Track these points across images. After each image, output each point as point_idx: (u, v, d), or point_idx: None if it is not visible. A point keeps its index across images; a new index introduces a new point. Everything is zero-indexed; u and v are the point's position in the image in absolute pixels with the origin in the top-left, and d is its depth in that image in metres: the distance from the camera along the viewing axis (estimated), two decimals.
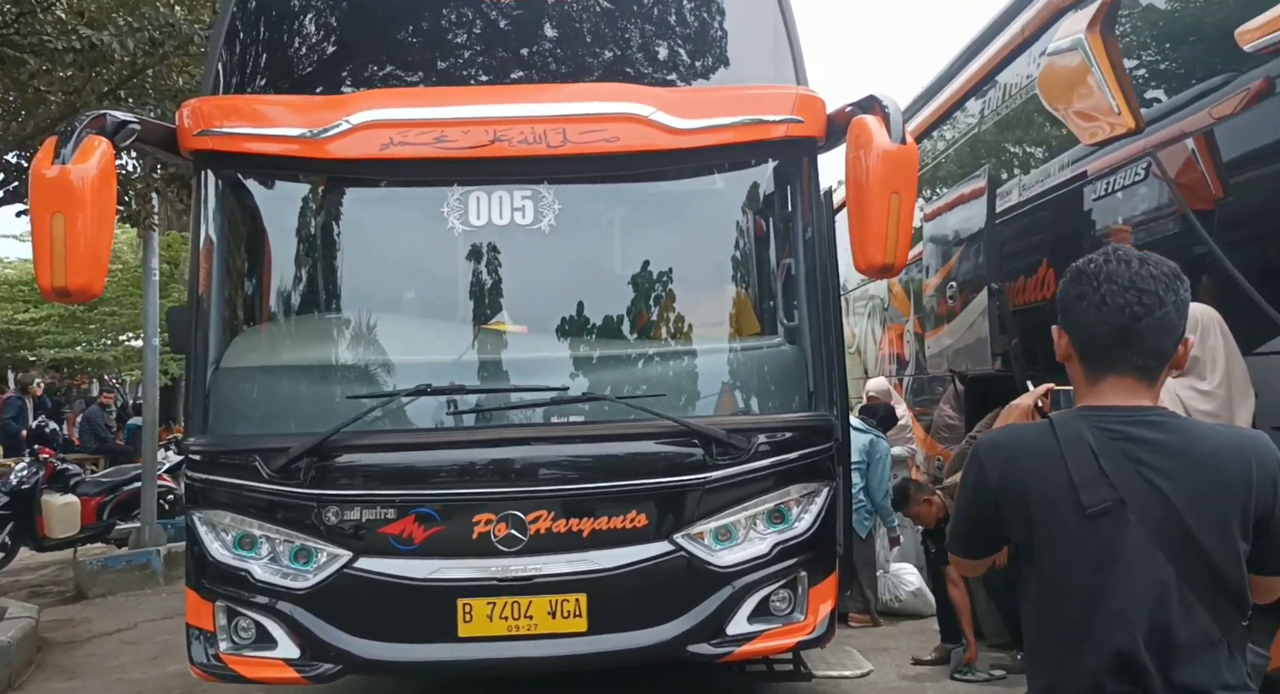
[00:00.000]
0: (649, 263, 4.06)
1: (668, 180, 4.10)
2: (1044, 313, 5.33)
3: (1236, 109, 3.72)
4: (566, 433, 3.81)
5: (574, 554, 3.69)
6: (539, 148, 3.80)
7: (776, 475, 3.79)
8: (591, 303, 4.02)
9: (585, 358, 4.00)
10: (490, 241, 3.97)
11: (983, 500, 1.66)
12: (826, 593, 3.91)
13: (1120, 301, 1.57)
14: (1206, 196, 3.83)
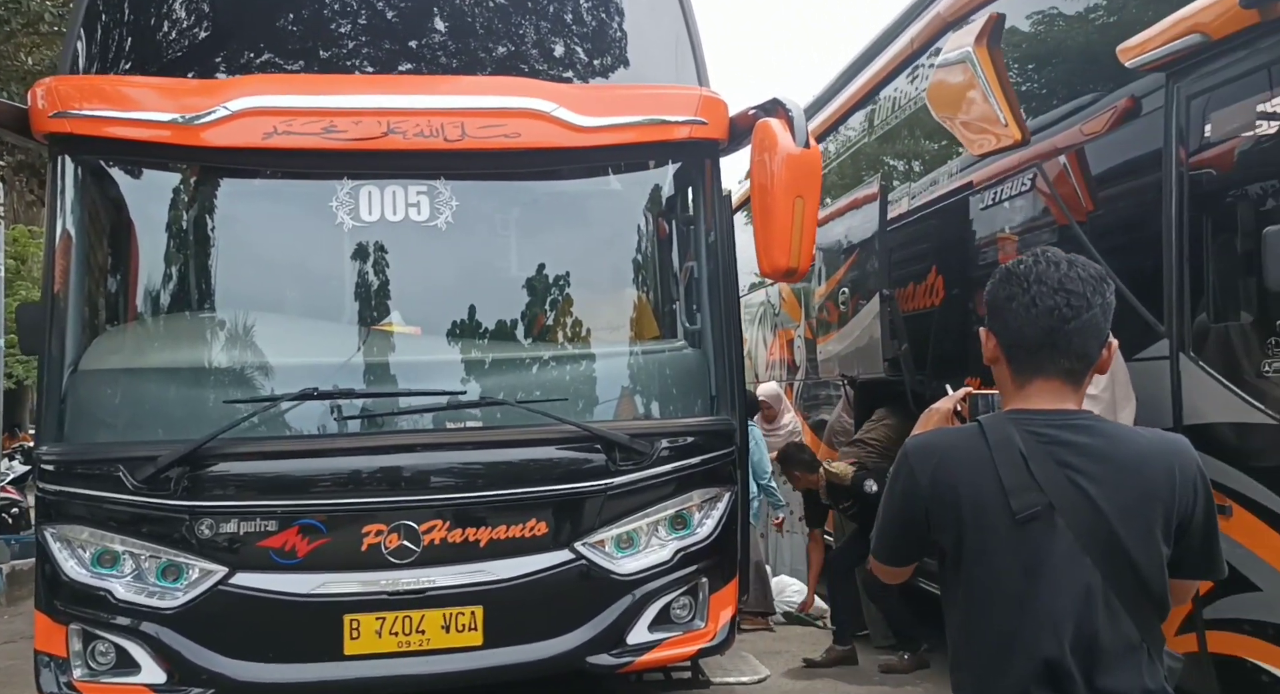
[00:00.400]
0: (549, 264, 3.94)
1: (569, 179, 4.00)
2: (933, 319, 5.46)
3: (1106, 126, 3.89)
4: (462, 439, 3.65)
5: (470, 565, 3.54)
6: (436, 142, 3.64)
7: (679, 481, 3.73)
8: (489, 304, 3.88)
9: (482, 361, 3.85)
10: (382, 239, 3.78)
11: (911, 505, 1.62)
12: (727, 599, 3.88)
13: (1049, 303, 1.55)
14: (1080, 208, 3.97)
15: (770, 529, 7.23)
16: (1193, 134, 3.20)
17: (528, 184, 3.97)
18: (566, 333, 3.98)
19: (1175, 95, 3.25)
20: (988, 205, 4.77)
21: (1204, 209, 3.17)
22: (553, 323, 3.95)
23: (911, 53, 6.00)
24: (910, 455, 1.63)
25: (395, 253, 3.82)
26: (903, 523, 1.66)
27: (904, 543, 1.70)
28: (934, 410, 1.89)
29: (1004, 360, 1.62)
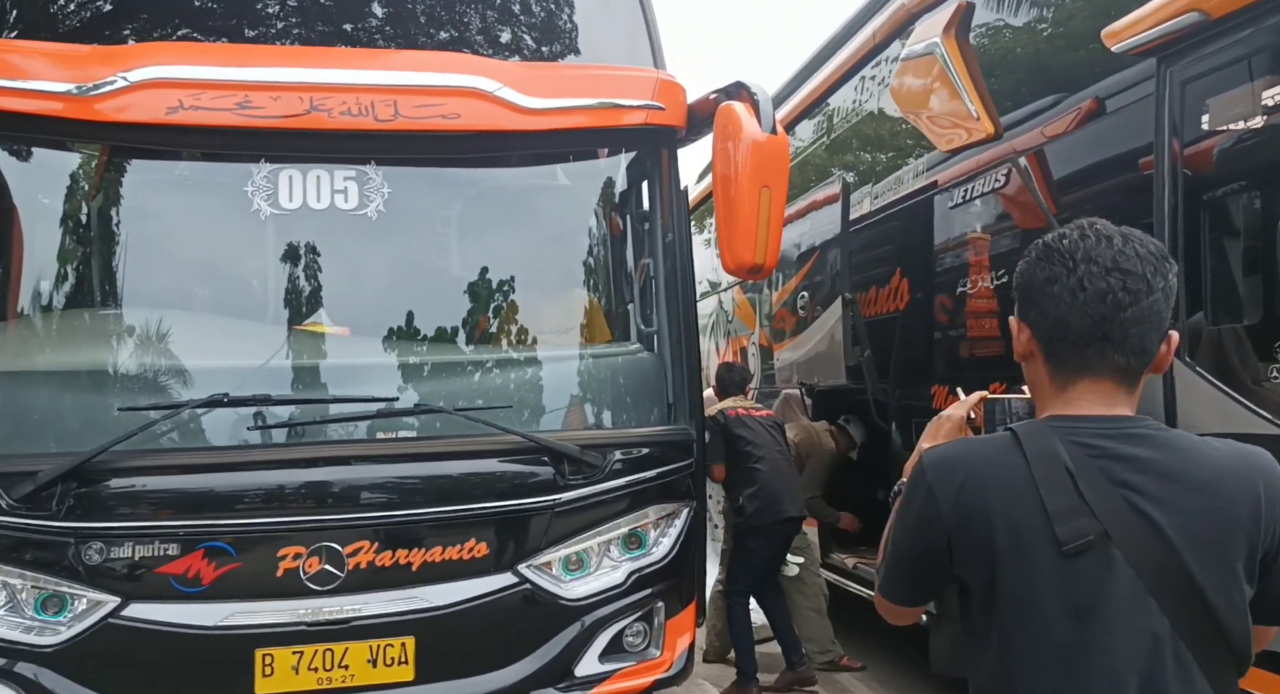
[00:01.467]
0: (491, 258, 3.60)
1: (514, 166, 3.66)
2: (896, 324, 5.23)
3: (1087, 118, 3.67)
4: (394, 451, 3.29)
5: (401, 591, 3.18)
6: (365, 121, 3.28)
7: (634, 496, 3.41)
8: (426, 302, 3.52)
9: (418, 365, 3.49)
10: (305, 228, 3.41)
11: (930, 534, 1.33)
12: (684, 625, 3.56)
13: (1101, 286, 1.27)
14: (1061, 204, 3.75)
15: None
16: (1188, 123, 2.97)
17: (469, 170, 3.62)
18: (511, 334, 3.63)
19: (1168, 81, 3.03)
20: (957, 204, 4.54)
21: (1201, 204, 2.95)
22: (496, 323, 3.60)
23: (875, 45, 5.79)
24: (928, 471, 1.34)
25: (320, 244, 3.45)
26: (919, 555, 1.37)
27: (920, 579, 1.40)
28: (944, 418, 1.60)
29: (1041, 356, 1.34)
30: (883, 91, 5.70)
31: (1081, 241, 1.29)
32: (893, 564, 1.42)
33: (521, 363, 3.62)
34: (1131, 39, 3.11)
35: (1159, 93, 3.06)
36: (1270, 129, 2.66)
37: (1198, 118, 2.94)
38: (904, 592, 1.43)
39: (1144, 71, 3.21)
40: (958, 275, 4.50)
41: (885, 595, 1.45)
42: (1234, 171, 2.85)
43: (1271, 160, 2.71)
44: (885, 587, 1.44)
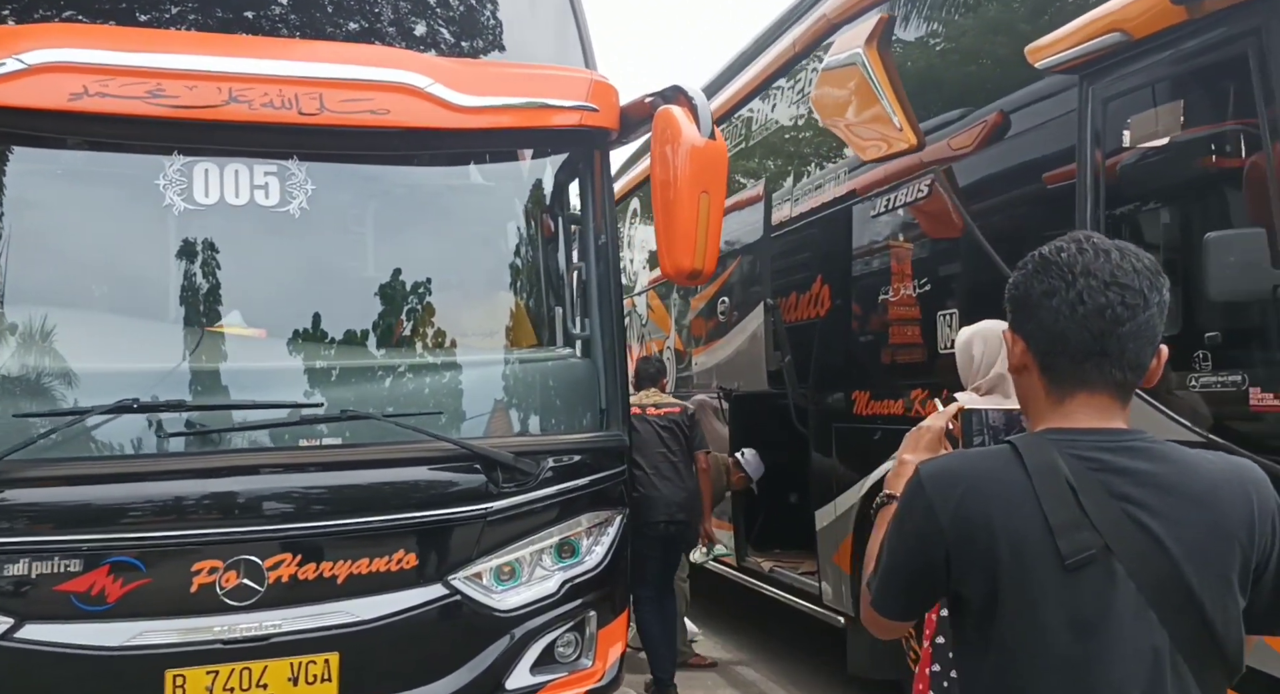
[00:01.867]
0: (420, 259, 3.48)
1: (445, 165, 3.57)
2: (816, 330, 5.29)
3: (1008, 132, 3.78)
4: (319, 459, 3.16)
5: (324, 605, 3.05)
6: (288, 114, 3.14)
7: (567, 503, 3.35)
8: (351, 304, 3.39)
9: (341, 369, 3.36)
10: (221, 225, 3.24)
11: (928, 547, 1.31)
12: (616, 634, 3.52)
13: (1100, 301, 1.27)
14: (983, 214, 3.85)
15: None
16: (1108, 139, 3.08)
17: (397, 168, 3.51)
18: (438, 338, 3.52)
19: (1090, 98, 3.14)
20: (879, 212, 4.62)
21: (1121, 217, 3.05)
22: (423, 327, 3.49)
23: (794, 55, 5.85)
24: (927, 484, 1.32)
25: (237, 242, 3.29)
26: (915, 568, 1.35)
27: (915, 593, 1.38)
28: (924, 429, 1.60)
29: (1036, 369, 1.34)
30: (802, 100, 5.78)
31: (1080, 255, 1.30)
32: (888, 578, 1.39)
33: (450, 368, 3.52)
34: (1054, 56, 3.21)
35: (1080, 109, 3.17)
36: (1188, 146, 2.78)
37: (1118, 134, 3.06)
38: (899, 606, 1.42)
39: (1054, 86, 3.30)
40: (879, 282, 4.58)
41: (880, 610, 1.42)
42: (1153, 186, 2.97)
43: (1189, 176, 2.83)
44: (880, 601, 1.42)
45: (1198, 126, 2.77)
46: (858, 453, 4.81)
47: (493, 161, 3.65)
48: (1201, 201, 2.82)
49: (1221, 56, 2.71)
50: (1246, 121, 2.63)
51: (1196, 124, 2.78)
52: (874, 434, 4.66)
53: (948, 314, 4.00)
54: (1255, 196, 2.58)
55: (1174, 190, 2.88)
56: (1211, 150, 2.67)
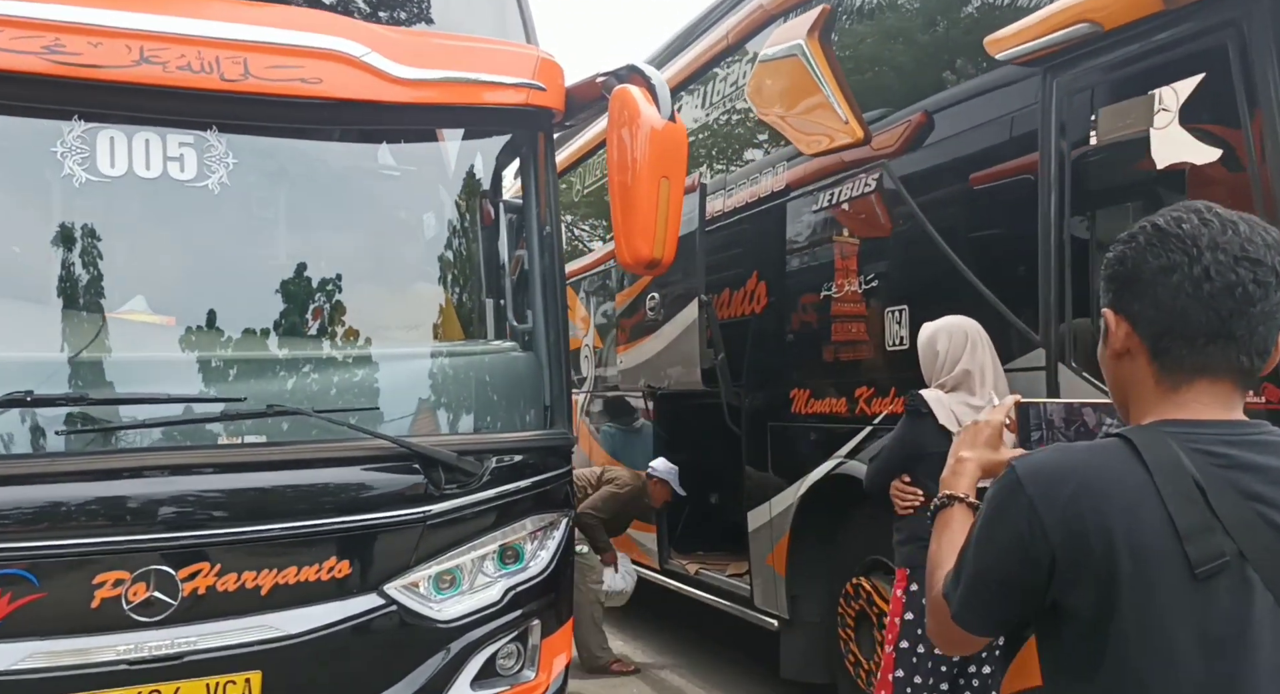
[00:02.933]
0: (353, 243, 3.24)
1: (380, 142, 3.31)
2: (750, 327, 5.19)
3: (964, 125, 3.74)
4: (241, 458, 2.87)
5: (246, 619, 2.77)
6: (208, 79, 2.85)
7: (511, 505, 3.15)
8: (274, 289, 3.10)
9: (266, 362, 3.08)
10: (129, 200, 2.94)
11: (1028, 551, 1.16)
12: (560, 644, 3.33)
13: (1231, 278, 1.13)
14: (935, 207, 3.79)
15: None
16: (1074, 132, 3.04)
17: (329, 144, 3.24)
18: (370, 329, 3.26)
19: (1054, 90, 3.10)
20: (822, 207, 4.54)
21: (1089, 211, 3.02)
22: (353, 316, 3.22)
23: (728, 46, 5.74)
24: (1027, 483, 1.17)
25: (147, 219, 2.99)
26: (1009, 576, 1.19)
27: (1008, 604, 1.22)
28: (982, 424, 1.47)
29: (1146, 353, 1.20)
30: (738, 92, 5.67)
31: (1204, 227, 1.16)
32: (974, 588, 1.24)
33: (384, 360, 3.25)
34: (1018, 48, 3.16)
35: (1044, 101, 3.13)
36: (1161, 139, 2.75)
37: (1085, 127, 3.02)
38: (988, 618, 1.26)
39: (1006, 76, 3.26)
40: (822, 278, 4.49)
41: (964, 624, 1.27)
42: (1120, 181, 2.94)
43: (1159, 171, 2.81)
44: (964, 614, 1.26)
45: (1170, 119, 2.74)
46: (795, 452, 4.72)
47: (432, 140, 3.40)
48: (1172, 196, 2.80)
49: (1198, 48, 2.69)
50: (1224, 115, 2.61)
51: (1169, 117, 2.75)
52: (813, 433, 4.57)
53: (897, 310, 3.94)
54: (1232, 192, 2.56)
55: (1141, 185, 2.86)
56: (1186, 144, 2.65)
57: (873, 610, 4.20)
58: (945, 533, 1.39)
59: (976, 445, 1.45)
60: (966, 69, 3.71)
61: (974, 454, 1.44)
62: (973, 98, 3.62)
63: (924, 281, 3.80)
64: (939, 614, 1.31)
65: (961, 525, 1.38)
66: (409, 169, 3.44)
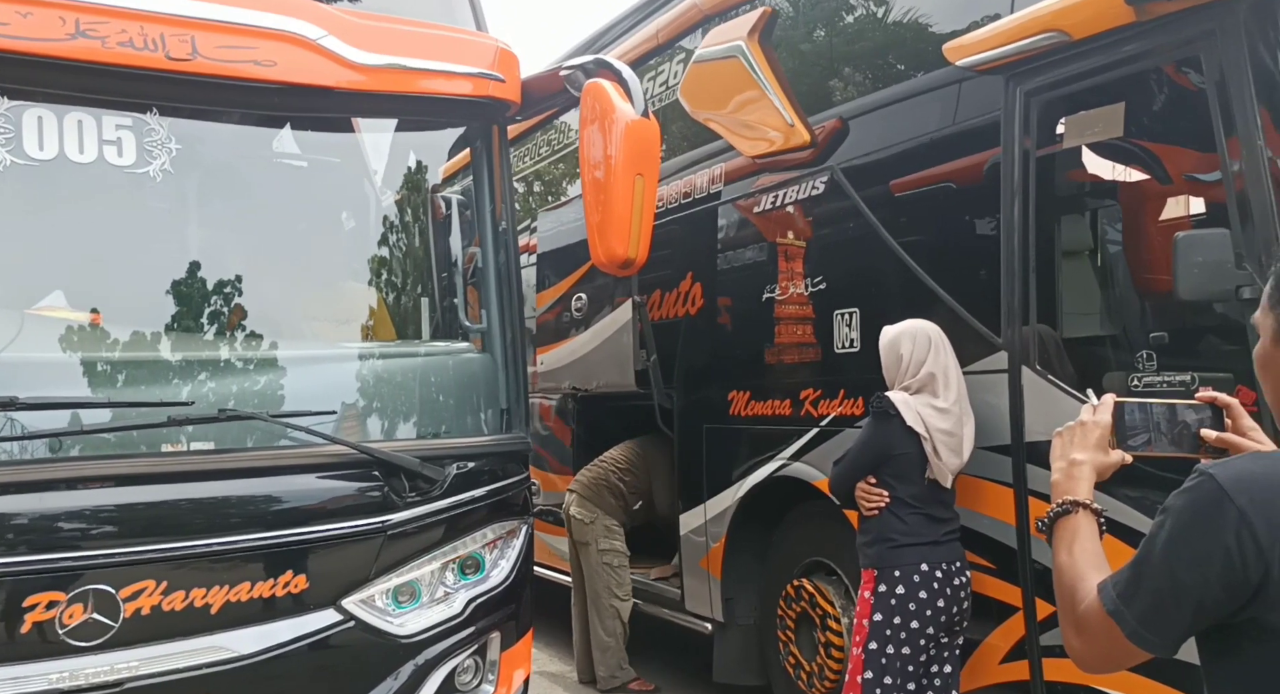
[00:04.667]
0: (304, 237, 3.05)
1: (333, 131, 3.13)
2: (682, 329, 5.15)
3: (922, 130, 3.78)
4: (187, 467, 2.66)
5: (194, 640, 2.58)
6: (152, 57, 2.63)
7: (471, 513, 3.02)
8: (220, 284, 2.89)
9: (213, 362, 2.86)
10: (59, 185, 2.69)
11: (1235, 565, 1.11)
12: (520, 657, 3.22)
13: None
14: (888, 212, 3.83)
15: None
16: (1037, 140, 3.10)
17: (281, 131, 3.03)
18: (327, 328, 3.09)
19: (1018, 98, 3.15)
20: (768, 209, 4.53)
21: (1053, 216, 3.08)
22: (308, 314, 3.04)
23: (658, 45, 5.69)
24: (1235, 493, 1.12)
25: (80, 206, 2.74)
26: (1207, 593, 1.14)
27: (1196, 619, 1.17)
28: (1091, 425, 1.41)
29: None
30: (668, 92, 5.63)
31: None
32: (1162, 606, 1.17)
33: (338, 361, 3.08)
34: (980, 55, 3.20)
35: (1007, 109, 3.18)
36: (1128, 149, 2.83)
37: (1049, 135, 3.09)
38: (1170, 637, 1.19)
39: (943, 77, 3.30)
40: (765, 279, 4.49)
41: (1143, 643, 1.19)
42: (1087, 188, 3.01)
43: (1123, 180, 2.89)
44: (1146, 634, 1.19)
45: (1139, 129, 2.83)
46: (734, 455, 4.71)
47: (386, 131, 3.24)
48: (1141, 204, 2.89)
49: (1169, 59, 2.77)
50: (1196, 126, 2.69)
51: (1138, 127, 2.84)
52: (754, 436, 4.56)
53: (847, 313, 3.96)
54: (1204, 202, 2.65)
55: (1109, 192, 2.93)
56: (1152, 153, 2.73)
57: (815, 612, 4.21)
58: (1076, 543, 1.33)
59: (1088, 447, 1.40)
60: (920, 72, 3.75)
61: (1088, 457, 1.39)
62: (928, 101, 3.66)
63: (877, 285, 3.83)
64: (1099, 634, 1.23)
65: (1090, 533, 1.34)
66: (362, 160, 3.26)
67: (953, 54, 3.33)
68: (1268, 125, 2.46)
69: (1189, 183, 2.76)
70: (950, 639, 3.22)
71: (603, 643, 5.22)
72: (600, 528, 5.30)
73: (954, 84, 3.48)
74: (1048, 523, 1.40)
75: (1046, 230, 3.07)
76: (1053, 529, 1.38)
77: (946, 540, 3.16)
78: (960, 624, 3.21)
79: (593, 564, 5.29)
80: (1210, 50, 2.62)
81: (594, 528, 5.30)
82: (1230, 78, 2.55)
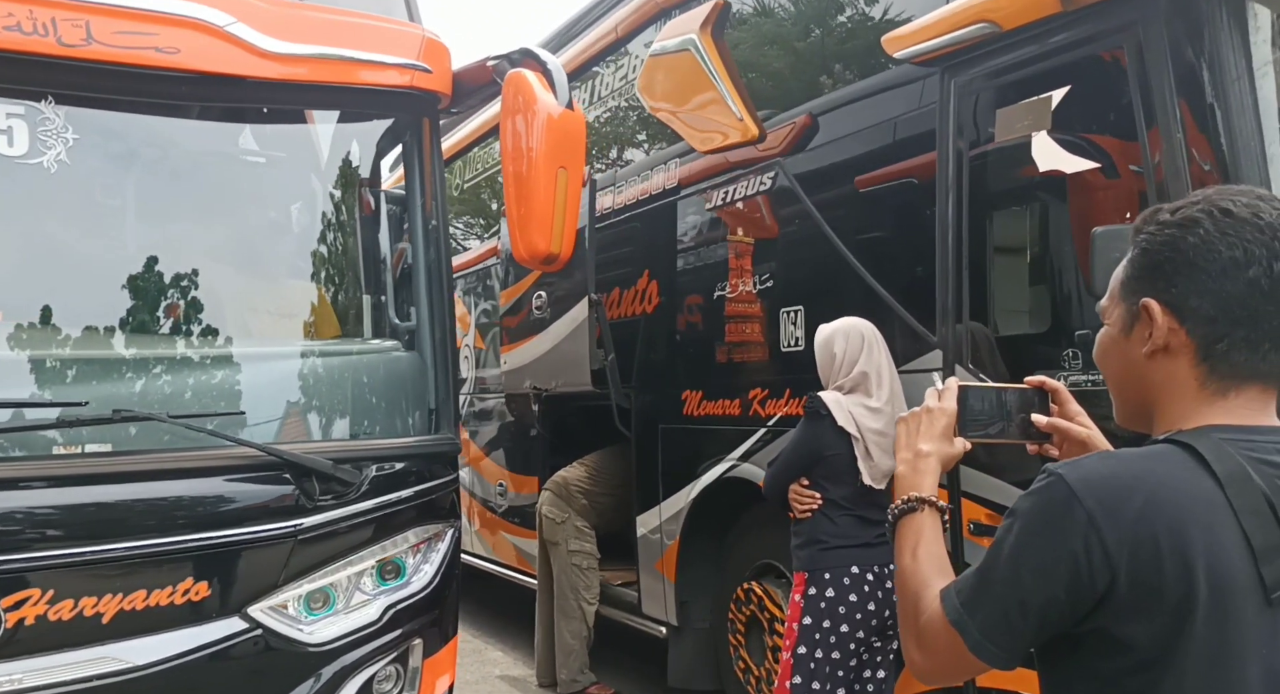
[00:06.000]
0: (212, 233, 2.95)
1: (243, 122, 3.03)
2: (640, 327, 5.07)
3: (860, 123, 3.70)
4: (80, 469, 2.55)
5: (85, 651, 2.47)
6: (43, 42, 2.53)
7: (392, 516, 2.92)
8: (121, 281, 2.78)
9: (111, 360, 2.76)
10: None
11: (1080, 573, 1.02)
12: (444, 664, 3.12)
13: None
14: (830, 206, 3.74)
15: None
16: (971, 133, 3.02)
17: (185, 122, 2.93)
18: (237, 326, 2.98)
19: (952, 91, 3.07)
20: (715, 205, 4.45)
21: (986, 212, 3.01)
22: (217, 312, 2.93)
23: (617, 39, 5.61)
24: (1084, 495, 1.02)
25: None
26: (1050, 600, 1.04)
27: (1040, 631, 1.07)
28: (935, 412, 1.31)
29: (1192, 353, 1.09)
30: (627, 87, 5.55)
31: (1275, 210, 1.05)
32: (1004, 616, 1.07)
33: (252, 360, 2.97)
34: (914, 47, 3.12)
35: (941, 102, 3.10)
36: (1057, 141, 2.75)
37: (983, 128, 3.01)
38: (1015, 650, 1.09)
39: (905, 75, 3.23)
40: (714, 277, 4.41)
41: (986, 656, 1.09)
42: (1018, 182, 2.93)
43: (1053, 173, 2.81)
44: (988, 646, 1.09)
45: (1067, 121, 2.75)
46: (687, 455, 4.62)
47: (304, 122, 3.13)
48: (1069, 198, 2.80)
49: (1095, 50, 2.69)
50: (1119, 117, 2.62)
51: (1067, 119, 2.75)
52: (705, 436, 4.48)
53: (792, 311, 3.88)
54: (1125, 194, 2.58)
55: (1038, 186, 2.85)
56: (1081, 146, 2.65)
57: (764, 615, 4.14)
58: (921, 544, 1.23)
59: (934, 437, 1.30)
60: (863, 67, 3.67)
61: (934, 447, 1.30)
62: (869, 96, 3.58)
63: (820, 282, 3.75)
64: (941, 645, 1.13)
65: (935, 533, 1.24)
66: (278, 153, 3.16)
67: (890, 46, 3.24)
68: (1187, 117, 2.38)
69: (1117, 176, 2.67)
70: (883, 644, 3.13)
71: (566, 645, 5.13)
72: (571, 528, 5.22)
73: (898, 78, 3.40)
74: (891, 522, 1.30)
75: (979, 227, 2.98)
76: (895, 528, 1.29)
77: (879, 543, 3.07)
78: (893, 628, 3.12)
79: (562, 564, 5.20)
80: (1133, 41, 2.55)
81: (565, 528, 5.21)
82: (1151, 69, 2.47)
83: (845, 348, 3.14)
